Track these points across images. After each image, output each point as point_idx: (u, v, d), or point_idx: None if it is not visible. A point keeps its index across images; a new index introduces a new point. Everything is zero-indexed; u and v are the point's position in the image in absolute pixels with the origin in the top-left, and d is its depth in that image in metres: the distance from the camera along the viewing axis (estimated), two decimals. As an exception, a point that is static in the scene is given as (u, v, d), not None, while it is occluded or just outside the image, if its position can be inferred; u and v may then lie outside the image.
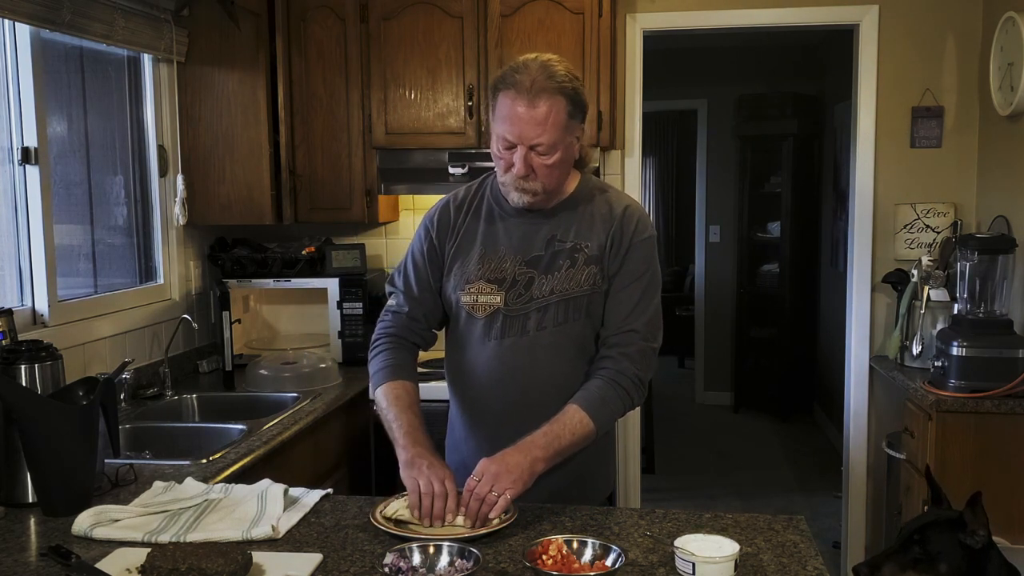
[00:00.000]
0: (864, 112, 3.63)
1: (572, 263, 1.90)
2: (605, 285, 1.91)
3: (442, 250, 1.99)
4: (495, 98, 1.85)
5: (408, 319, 2.01)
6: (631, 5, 3.64)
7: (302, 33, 3.40)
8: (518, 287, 1.90)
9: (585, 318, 1.91)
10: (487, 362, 1.93)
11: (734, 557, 1.47)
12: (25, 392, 1.86)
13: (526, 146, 1.81)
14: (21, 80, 2.56)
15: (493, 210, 1.98)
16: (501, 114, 1.83)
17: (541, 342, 1.90)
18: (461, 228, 1.98)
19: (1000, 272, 3.01)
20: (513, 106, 1.80)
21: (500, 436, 1.91)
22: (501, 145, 1.84)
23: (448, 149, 3.38)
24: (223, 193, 3.36)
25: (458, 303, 1.95)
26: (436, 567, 1.48)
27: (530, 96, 1.78)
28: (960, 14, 3.55)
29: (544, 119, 1.79)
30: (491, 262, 1.93)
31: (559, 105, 1.80)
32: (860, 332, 3.72)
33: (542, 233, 1.93)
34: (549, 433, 1.78)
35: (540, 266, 1.91)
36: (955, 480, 2.85)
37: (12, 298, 2.57)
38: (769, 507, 4.74)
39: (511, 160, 1.83)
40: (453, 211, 2.00)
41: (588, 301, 1.90)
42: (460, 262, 1.96)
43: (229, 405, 3.03)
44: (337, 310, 3.46)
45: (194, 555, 1.45)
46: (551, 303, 1.89)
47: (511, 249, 1.93)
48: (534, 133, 1.80)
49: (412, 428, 1.83)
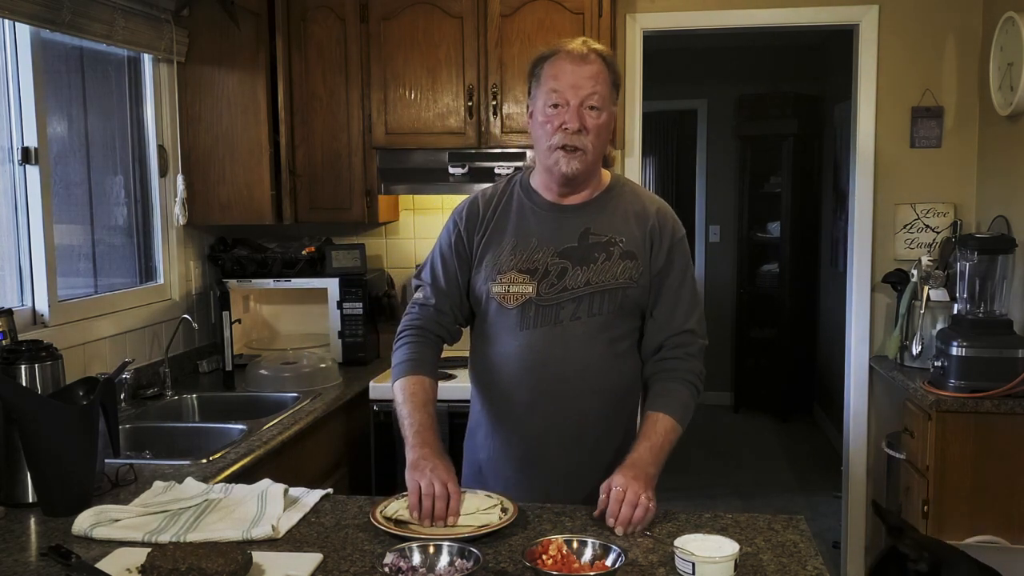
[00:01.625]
0: (864, 112, 3.63)
1: (608, 256, 1.91)
2: (644, 280, 1.92)
3: (470, 243, 1.99)
4: (539, 70, 1.89)
5: (435, 311, 2.01)
6: (631, 5, 3.64)
7: (302, 33, 3.40)
8: (551, 277, 1.90)
9: (619, 310, 1.92)
10: (518, 351, 1.93)
11: (734, 557, 1.47)
12: (25, 392, 1.86)
13: (579, 100, 1.84)
14: (21, 80, 2.56)
15: (524, 204, 1.98)
16: (550, 75, 1.87)
17: (574, 332, 1.90)
18: (491, 221, 1.98)
19: (1000, 272, 3.01)
20: (565, 65, 1.86)
21: (527, 429, 1.93)
22: (548, 103, 1.86)
23: (448, 149, 3.38)
24: (223, 193, 3.36)
25: (488, 294, 1.94)
26: (436, 567, 1.48)
27: (582, 57, 1.85)
28: (960, 14, 3.55)
29: (596, 75, 1.86)
30: (523, 252, 1.93)
31: (604, 69, 1.88)
32: (860, 332, 3.72)
33: (576, 225, 1.93)
34: (653, 448, 1.83)
35: (574, 257, 1.91)
36: (955, 480, 2.85)
37: (12, 298, 2.57)
38: (769, 507, 4.74)
39: (562, 118, 1.84)
40: (482, 205, 2.00)
41: (623, 295, 1.91)
42: (491, 253, 1.95)
43: (229, 405, 3.03)
44: (337, 310, 3.46)
45: (194, 555, 1.45)
46: (586, 294, 1.90)
47: (543, 240, 1.93)
48: (588, 85, 1.84)
49: (422, 428, 1.83)
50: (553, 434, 1.94)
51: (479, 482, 1.98)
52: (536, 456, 1.95)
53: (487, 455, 2.01)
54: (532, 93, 1.92)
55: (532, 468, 1.95)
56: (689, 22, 3.68)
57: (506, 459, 1.97)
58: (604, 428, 1.97)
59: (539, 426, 1.93)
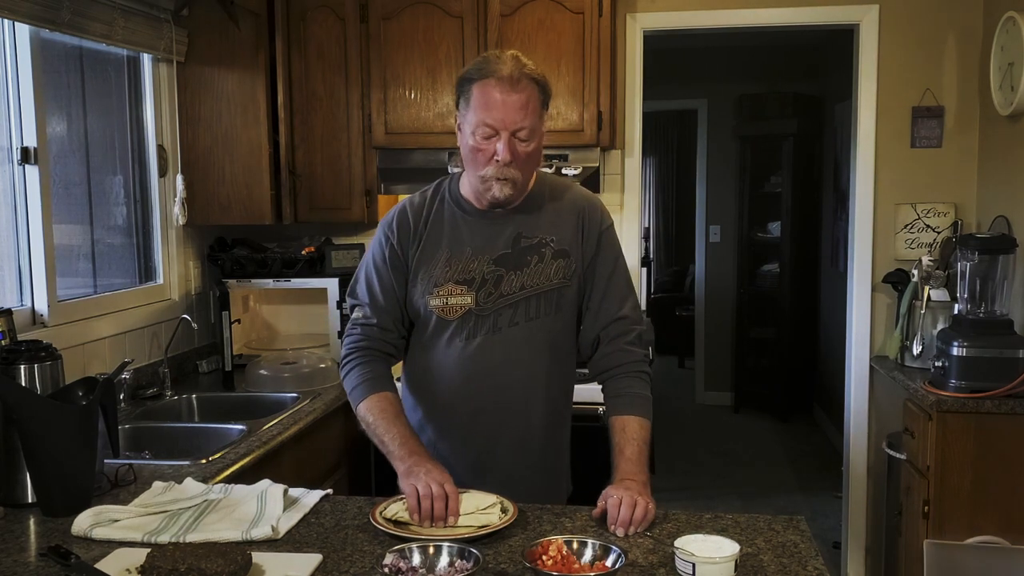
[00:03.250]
0: (864, 112, 3.62)
1: (540, 258, 1.92)
2: (576, 278, 1.93)
3: (405, 256, 1.96)
4: (468, 90, 1.84)
5: (378, 329, 1.97)
6: (631, 5, 3.64)
7: (302, 33, 3.39)
8: (488, 286, 1.91)
9: (556, 312, 1.93)
10: (459, 363, 1.93)
11: (734, 558, 1.47)
12: (25, 392, 1.86)
13: (509, 131, 1.81)
14: (21, 80, 2.55)
15: (455, 212, 1.97)
16: (480, 103, 1.81)
17: (514, 338, 1.91)
18: (423, 232, 1.96)
19: (1000, 272, 3.01)
20: (495, 93, 1.80)
21: (474, 436, 1.94)
22: (480, 136, 1.83)
23: (448, 149, 3.37)
24: (223, 193, 3.35)
25: (427, 308, 1.93)
26: (436, 567, 1.47)
27: (511, 83, 1.80)
28: (960, 14, 3.54)
29: (525, 104, 1.81)
30: (458, 263, 1.92)
31: (535, 93, 1.84)
32: (860, 332, 3.72)
33: (507, 231, 1.93)
34: (634, 457, 1.83)
35: (509, 263, 1.92)
36: (956, 480, 2.85)
37: (12, 298, 2.57)
38: (769, 507, 4.74)
39: (493, 149, 1.82)
40: (412, 216, 1.98)
41: (559, 295, 1.93)
42: (426, 267, 1.94)
43: (229, 405, 3.02)
44: (337, 310, 3.45)
45: (194, 555, 1.45)
46: (522, 299, 1.91)
47: (477, 249, 1.93)
48: (517, 117, 1.81)
49: (405, 439, 1.83)
50: (501, 440, 1.95)
51: None
52: (485, 462, 1.96)
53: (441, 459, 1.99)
54: (460, 109, 1.88)
55: (484, 474, 1.94)
56: (689, 22, 3.68)
57: (458, 465, 1.94)
58: (550, 430, 1.99)
59: (484, 434, 1.93)
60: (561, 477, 2.08)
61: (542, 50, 3.27)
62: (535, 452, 1.98)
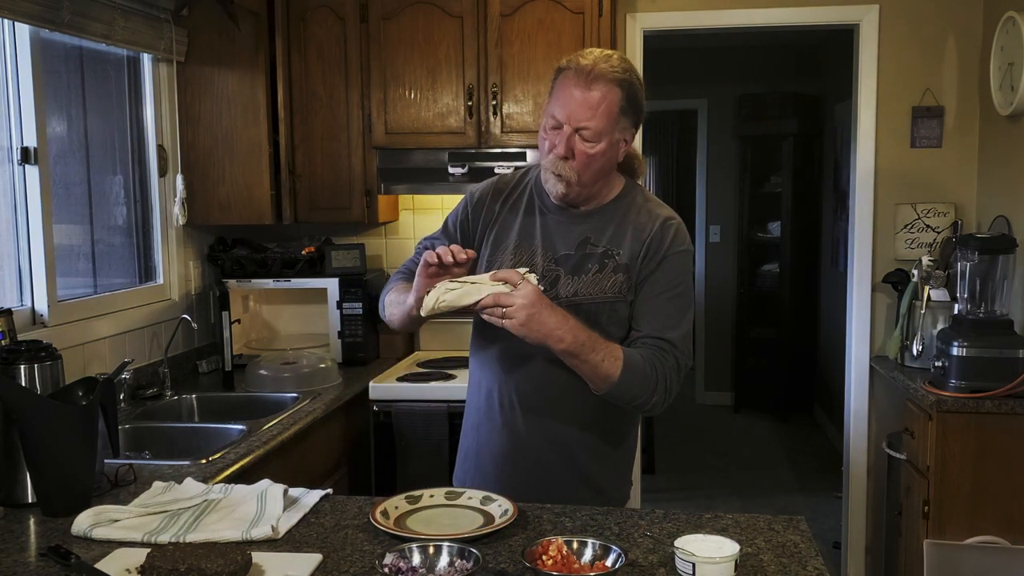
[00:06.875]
0: (864, 112, 3.62)
1: (601, 268, 1.88)
2: (631, 296, 1.88)
3: (475, 226, 1.99)
4: (556, 77, 1.84)
5: None
6: (631, 5, 3.64)
7: (302, 33, 3.39)
8: (544, 283, 1.88)
9: (607, 325, 1.87)
10: (504, 351, 1.93)
11: (734, 557, 1.47)
12: (25, 392, 1.86)
13: (572, 127, 1.80)
14: (21, 80, 2.55)
15: (534, 202, 1.97)
16: (556, 93, 1.83)
17: None
18: (499, 217, 1.97)
19: (1000, 272, 3.01)
20: (569, 86, 1.80)
21: (512, 426, 1.93)
22: (548, 124, 1.83)
23: (448, 149, 3.38)
24: (223, 193, 3.36)
25: None
26: (436, 567, 1.47)
27: (588, 79, 1.78)
28: (960, 14, 3.55)
29: (596, 104, 1.78)
30: (524, 254, 1.92)
31: (614, 95, 1.80)
32: (860, 332, 3.72)
33: (576, 233, 1.91)
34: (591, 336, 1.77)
35: (568, 265, 1.90)
36: (956, 480, 2.85)
37: (12, 298, 2.57)
38: (769, 507, 4.74)
39: (554, 140, 1.82)
40: (494, 195, 1.99)
41: (610, 309, 1.88)
42: (493, 249, 1.95)
43: (229, 405, 3.02)
44: (337, 310, 3.46)
45: (194, 555, 1.45)
46: (571, 305, 1.85)
47: (545, 243, 1.92)
48: (583, 115, 1.78)
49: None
50: (534, 435, 1.93)
51: (465, 466, 2.03)
52: (513, 453, 1.95)
53: (472, 444, 2.03)
54: (549, 96, 1.88)
55: (508, 465, 1.95)
56: (689, 22, 3.68)
57: (487, 452, 1.97)
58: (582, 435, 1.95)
59: (523, 427, 1.92)
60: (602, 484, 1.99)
61: (542, 50, 3.28)
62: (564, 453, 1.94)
